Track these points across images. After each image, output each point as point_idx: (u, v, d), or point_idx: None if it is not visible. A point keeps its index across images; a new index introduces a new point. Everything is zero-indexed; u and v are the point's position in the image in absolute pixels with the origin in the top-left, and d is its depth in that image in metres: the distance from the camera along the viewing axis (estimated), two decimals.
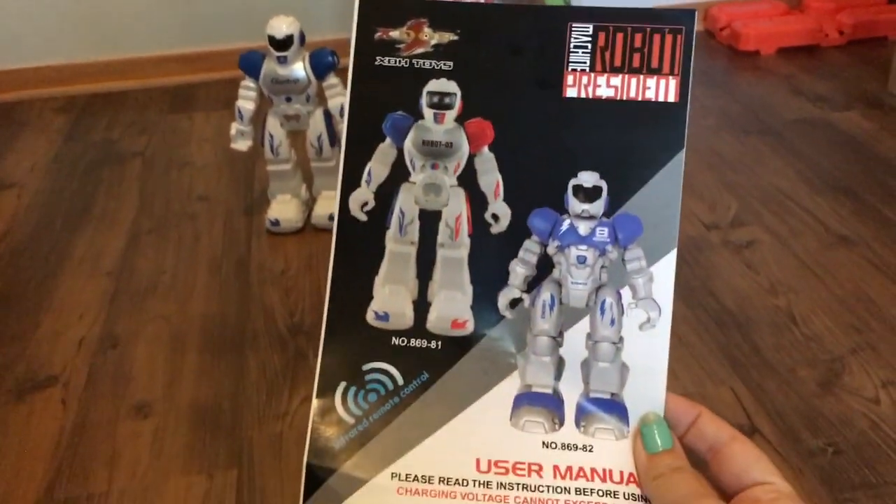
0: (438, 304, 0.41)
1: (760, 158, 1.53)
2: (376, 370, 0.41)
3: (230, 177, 1.55)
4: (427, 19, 0.42)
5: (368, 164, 0.41)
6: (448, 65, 0.41)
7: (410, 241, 0.41)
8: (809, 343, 1.08)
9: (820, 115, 1.68)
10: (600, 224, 0.40)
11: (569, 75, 0.41)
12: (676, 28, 0.41)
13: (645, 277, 0.39)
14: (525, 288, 0.40)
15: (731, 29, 2.01)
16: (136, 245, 1.35)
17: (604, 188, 0.40)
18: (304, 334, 1.13)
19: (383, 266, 0.41)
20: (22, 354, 1.11)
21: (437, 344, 0.41)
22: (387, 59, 0.42)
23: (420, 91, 0.41)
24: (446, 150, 0.41)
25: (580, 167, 0.40)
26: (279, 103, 1.31)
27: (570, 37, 0.41)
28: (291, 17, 1.27)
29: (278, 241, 1.35)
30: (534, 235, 0.40)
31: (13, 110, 1.89)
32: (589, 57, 0.41)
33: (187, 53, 1.99)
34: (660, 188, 0.40)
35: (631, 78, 0.41)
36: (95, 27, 1.94)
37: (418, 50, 0.42)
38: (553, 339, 0.40)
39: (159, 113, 1.84)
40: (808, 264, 1.23)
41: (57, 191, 1.54)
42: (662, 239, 0.39)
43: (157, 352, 1.11)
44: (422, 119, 0.41)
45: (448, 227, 0.41)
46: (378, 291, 0.42)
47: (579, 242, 0.40)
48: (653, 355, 0.40)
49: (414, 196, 0.41)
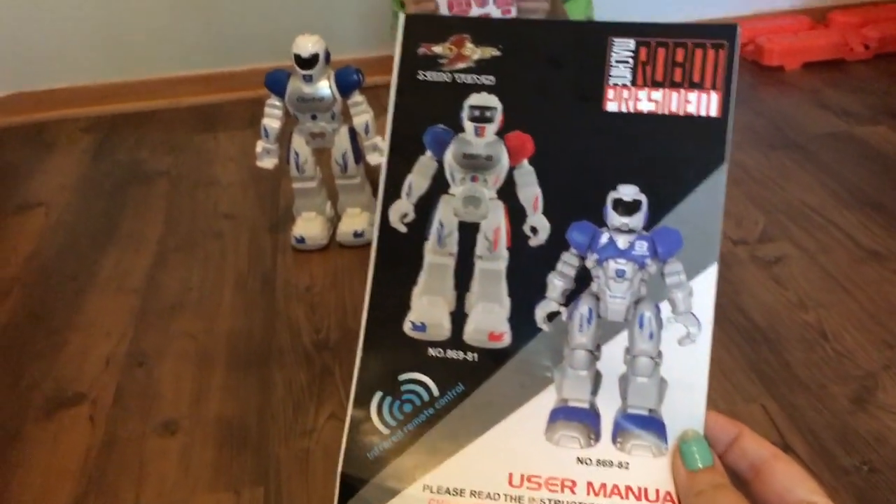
0: (476, 315, 0.41)
1: (787, 173, 1.51)
2: (412, 381, 0.41)
3: (255, 194, 1.56)
4: (470, 35, 0.42)
5: (409, 177, 0.42)
6: (490, 79, 0.42)
7: (449, 253, 0.41)
8: (841, 359, 1.06)
9: (846, 130, 1.67)
10: (639, 238, 0.39)
11: (609, 89, 0.41)
12: (719, 43, 0.41)
13: (685, 291, 0.39)
14: (563, 301, 0.40)
15: (754, 44, 2.01)
16: (163, 263, 1.36)
17: (643, 202, 0.40)
18: (330, 350, 1.13)
19: (422, 277, 0.42)
20: (50, 372, 1.12)
21: (473, 356, 0.41)
22: (429, 73, 0.42)
23: (461, 105, 0.42)
24: (486, 163, 0.42)
25: (620, 180, 0.40)
26: (304, 121, 1.32)
27: (611, 51, 0.41)
28: (317, 36, 1.28)
29: (303, 258, 1.35)
30: (572, 248, 0.40)
31: (42, 130, 1.92)
32: (630, 71, 0.41)
33: (213, 73, 2.01)
34: (701, 202, 0.40)
35: (672, 92, 0.41)
36: (122, 48, 1.97)
37: (460, 65, 0.42)
38: (590, 353, 0.40)
39: (185, 132, 1.86)
40: (838, 279, 1.22)
41: (84, 210, 1.55)
42: (703, 253, 0.39)
43: (183, 369, 1.11)
44: (462, 132, 0.42)
45: (487, 239, 0.41)
46: (416, 302, 0.42)
47: (618, 256, 0.39)
48: (692, 371, 0.39)
49: (453, 208, 0.41)
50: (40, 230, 1.48)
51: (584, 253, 0.40)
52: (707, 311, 0.39)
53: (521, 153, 0.41)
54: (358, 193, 1.37)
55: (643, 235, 0.39)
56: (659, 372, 0.39)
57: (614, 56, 0.41)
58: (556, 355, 0.40)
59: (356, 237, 1.35)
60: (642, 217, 0.40)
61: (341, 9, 1.99)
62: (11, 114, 1.96)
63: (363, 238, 1.36)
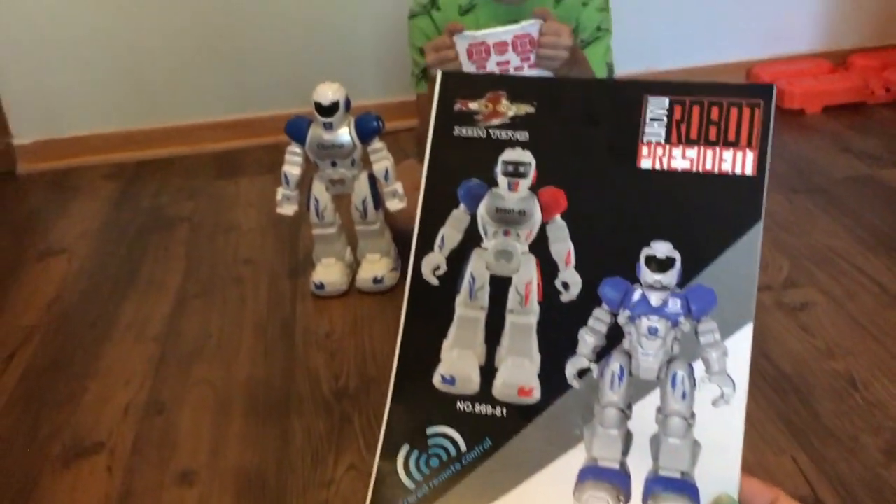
0: (505, 370, 0.40)
1: (810, 217, 1.50)
2: (440, 434, 0.41)
3: (275, 240, 1.56)
4: (505, 92, 0.43)
5: (442, 230, 0.42)
6: (524, 135, 0.42)
7: (480, 307, 0.41)
8: (872, 409, 1.04)
9: (869, 173, 1.65)
10: (673, 295, 0.39)
11: (644, 146, 0.41)
12: (754, 102, 0.41)
13: (719, 351, 0.38)
14: (594, 358, 0.39)
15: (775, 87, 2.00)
16: (183, 310, 1.36)
17: (677, 259, 0.39)
18: (349, 398, 1.11)
19: (452, 330, 0.41)
20: (69, 420, 1.11)
21: (502, 411, 0.40)
22: (465, 128, 0.43)
23: (495, 160, 0.42)
24: (519, 218, 0.41)
25: (653, 237, 0.40)
26: (325, 168, 1.32)
27: (645, 109, 0.41)
28: (337, 84, 1.29)
29: (323, 304, 1.35)
30: (604, 304, 0.39)
31: (66, 177, 1.94)
32: (664, 129, 0.41)
33: (234, 120, 2.03)
34: (735, 260, 0.39)
35: (707, 150, 0.41)
36: (145, 96, 2.00)
37: (496, 121, 0.42)
38: (622, 412, 0.39)
39: (206, 178, 1.88)
40: (866, 326, 1.19)
41: (106, 256, 1.56)
42: (737, 312, 0.38)
43: (202, 417, 1.10)
44: (496, 187, 0.42)
45: (518, 293, 0.41)
46: (446, 355, 0.41)
47: (651, 313, 0.39)
48: (726, 433, 0.38)
49: (485, 262, 0.41)
50: (62, 276, 1.49)
51: (616, 309, 0.39)
52: (742, 372, 0.38)
53: (554, 208, 0.41)
54: (377, 239, 1.37)
55: (676, 293, 0.39)
56: (692, 433, 0.38)
57: (649, 114, 0.41)
58: (586, 413, 0.39)
59: (376, 283, 1.35)
60: (676, 274, 0.39)
61: (361, 55, 2.01)
62: (37, 160, 1.98)
63: (383, 284, 1.35)
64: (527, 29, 1.32)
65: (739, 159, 0.41)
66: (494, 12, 1.46)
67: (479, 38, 1.32)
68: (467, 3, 1.47)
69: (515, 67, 1.35)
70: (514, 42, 1.33)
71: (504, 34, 1.33)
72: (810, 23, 2.13)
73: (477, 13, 1.46)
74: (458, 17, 1.45)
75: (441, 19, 1.46)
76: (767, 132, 0.41)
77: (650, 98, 0.42)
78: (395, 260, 1.39)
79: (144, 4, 1.91)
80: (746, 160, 0.41)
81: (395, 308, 1.32)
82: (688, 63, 2.10)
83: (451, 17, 1.45)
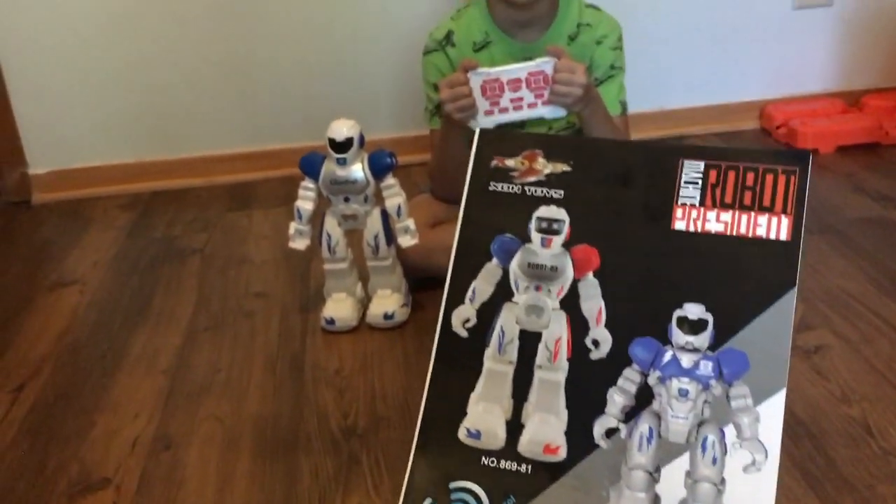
0: (532, 426, 0.40)
1: (825, 259, 1.49)
2: (463, 489, 0.40)
3: (287, 273, 1.56)
4: (542, 150, 0.43)
5: (473, 283, 0.42)
6: (559, 193, 0.42)
7: (509, 361, 0.41)
8: (888, 457, 1.02)
9: (884, 214, 1.65)
10: (704, 357, 0.38)
11: (678, 209, 0.41)
12: (790, 169, 0.42)
13: (751, 417, 0.37)
14: (622, 418, 0.39)
15: (787, 127, 2.00)
16: (193, 343, 1.35)
17: (709, 321, 0.39)
18: (358, 437, 1.10)
19: (480, 383, 0.41)
20: (76, 454, 1.10)
21: (527, 468, 0.40)
22: (500, 184, 0.43)
23: (530, 216, 0.42)
24: (551, 274, 0.41)
25: (686, 299, 0.39)
26: (337, 203, 1.32)
27: (681, 172, 0.42)
28: (352, 121, 1.29)
29: (333, 340, 1.34)
30: (634, 364, 0.39)
31: (80, 207, 1.95)
32: (699, 192, 0.41)
33: (249, 152, 2.04)
34: (769, 325, 0.39)
35: (742, 215, 0.41)
36: (160, 128, 2.01)
37: (531, 178, 0.43)
38: (649, 475, 0.38)
39: (219, 210, 1.88)
40: (882, 371, 1.18)
41: (118, 287, 1.56)
42: (770, 377, 0.38)
43: (209, 454, 1.09)
44: (529, 242, 0.42)
45: (547, 349, 0.41)
46: (472, 408, 0.41)
47: (682, 375, 0.38)
48: (757, 501, 0.37)
49: (516, 316, 0.41)
50: (74, 308, 1.49)
51: (646, 370, 0.39)
52: (775, 439, 0.37)
53: (587, 266, 0.41)
54: (389, 275, 1.36)
55: (708, 355, 0.38)
56: (722, 500, 0.37)
57: (684, 177, 0.41)
58: (613, 474, 0.38)
59: (386, 319, 1.34)
60: (708, 336, 0.38)
61: (375, 90, 2.02)
62: (51, 190, 2.00)
63: (393, 320, 1.35)
64: (541, 66, 1.33)
65: (774, 224, 0.41)
66: (509, 49, 1.47)
67: (493, 74, 1.33)
68: (482, 40, 1.48)
69: (529, 104, 1.35)
70: (528, 79, 1.33)
71: (518, 71, 1.33)
72: (824, 62, 2.14)
73: (491, 50, 1.47)
74: (473, 54, 1.46)
75: (456, 55, 1.47)
76: (803, 198, 0.41)
77: (686, 161, 0.42)
78: (406, 296, 1.38)
79: (160, 39, 1.93)
80: (781, 225, 0.41)
81: (404, 345, 1.31)
82: (701, 102, 2.10)
83: (466, 53, 1.46)
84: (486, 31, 1.48)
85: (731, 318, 0.39)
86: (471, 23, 1.49)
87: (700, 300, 0.39)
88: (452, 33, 1.49)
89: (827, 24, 2.10)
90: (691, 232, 0.41)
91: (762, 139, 2.07)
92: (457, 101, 1.33)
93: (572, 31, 1.48)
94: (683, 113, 2.10)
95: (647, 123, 2.02)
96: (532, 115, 1.37)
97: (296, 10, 1.95)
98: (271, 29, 1.96)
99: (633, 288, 0.40)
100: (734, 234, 0.41)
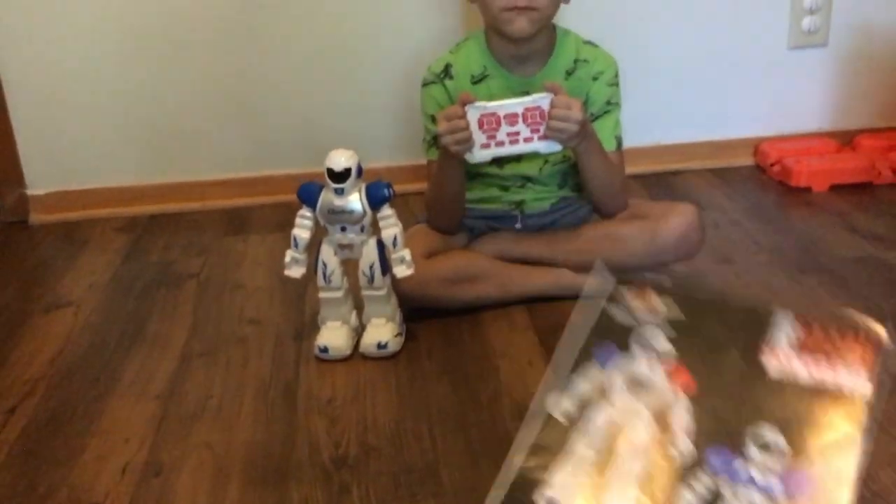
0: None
1: (817, 298, 1.50)
2: None
3: (281, 300, 1.57)
4: (659, 294, 0.52)
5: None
6: (671, 332, 0.50)
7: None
8: (876, 500, 1.02)
9: (876, 255, 1.66)
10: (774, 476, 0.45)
11: (769, 355, 0.48)
12: (874, 335, 0.50)
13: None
14: None
15: (781, 165, 2.02)
16: (187, 368, 1.36)
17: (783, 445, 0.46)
18: (349, 468, 1.10)
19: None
20: (66, 479, 1.10)
21: None
22: (618, 313, 0.52)
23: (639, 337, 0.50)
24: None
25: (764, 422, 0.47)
26: (334, 232, 1.33)
27: (774, 323, 0.49)
28: (351, 151, 1.30)
29: (326, 368, 1.34)
30: (707, 467, 0.46)
31: (77, 229, 1.95)
32: (788, 342, 0.49)
33: (246, 177, 2.06)
34: (835, 468, 0.44)
35: (826, 367, 0.48)
36: (159, 150, 2.02)
37: (649, 315, 0.51)
38: None
39: (216, 234, 1.89)
40: None
41: (113, 311, 1.57)
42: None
43: (199, 482, 1.09)
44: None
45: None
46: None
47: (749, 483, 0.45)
48: None
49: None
50: (68, 330, 1.49)
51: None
52: None
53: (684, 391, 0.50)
54: (383, 305, 1.37)
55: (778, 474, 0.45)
56: None
57: (776, 327, 0.49)
58: None
59: (380, 348, 1.35)
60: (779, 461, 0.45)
61: (374, 118, 2.04)
62: (49, 211, 2.00)
63: (387, 350, 1.35)
64: (537, 101, 1.34)
65: (855, 382, 0.49)
66: (507, 83, 1.48)
67: (490, 108, 1.35)
68: (480, 73, 1.50)
69: (525, 139, 1.37)
70: (524, 114, 1.35)
71: (515, 106, 1.35)
72: (818, 102, 2.16)
73: (489, 83, 1.49)
74: (471, 87, 1.48)
75: (454, 88, 1.49)
76: (885, 364, 0.49)
77: (779, 315, 0.52)
78: (400, 325, 1.39)
79: (162, 64, 1.95)
80: (861, 383, 0.49)
81: (398, 374, 1.32)
82: (695, 138, 2.12)
83: (464, 85, 1.48)
84: (485, 64, 1.50)
85: (802, 451, 0.46)
86: (469, 56, 1.51)
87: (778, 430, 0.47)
88: (451, 66, 1.51)
89: (821, 64, 2.12)
90: (778, 377, 0.50)
91: (757, 176, 2.09)
92: (454, 134, 1.35)
93: (569, 66, 1.50)
94: (678, 148, 2.12)
95: (643, 158, 2.04)
96: (528, 149, 1.39)
97: (296, 40, 1.98)
98: (271, 56, 1.98)
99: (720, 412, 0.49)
100: (817, 383, 0.48)
